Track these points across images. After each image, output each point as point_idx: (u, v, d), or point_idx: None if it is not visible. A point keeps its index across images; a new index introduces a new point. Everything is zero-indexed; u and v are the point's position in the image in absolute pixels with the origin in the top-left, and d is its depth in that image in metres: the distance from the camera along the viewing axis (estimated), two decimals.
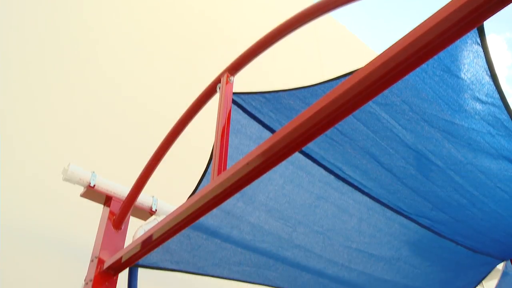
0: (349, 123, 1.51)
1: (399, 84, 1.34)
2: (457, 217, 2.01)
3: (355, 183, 1.77)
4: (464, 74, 1.33)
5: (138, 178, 1.77)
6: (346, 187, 1.77)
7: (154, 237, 1.52)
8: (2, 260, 2.13)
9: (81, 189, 1.91)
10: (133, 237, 1.83)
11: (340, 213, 1.86)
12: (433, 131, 1.54)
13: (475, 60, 1.28)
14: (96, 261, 1.77)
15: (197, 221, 1.41)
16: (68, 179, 1.85)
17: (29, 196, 2.36)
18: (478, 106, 1.45)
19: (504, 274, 2.77)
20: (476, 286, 2.60)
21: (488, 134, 1.55)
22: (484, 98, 1.41)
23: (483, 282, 5.08)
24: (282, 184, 1.71)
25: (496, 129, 1.52)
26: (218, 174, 1.26)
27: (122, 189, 1.97)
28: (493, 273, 2.66)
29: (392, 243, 2.07)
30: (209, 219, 1.73)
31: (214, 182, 1.24)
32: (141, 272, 1.90)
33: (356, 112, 1.12)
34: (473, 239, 2.21)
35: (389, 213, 1.93)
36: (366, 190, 1.81)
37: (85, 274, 1.78)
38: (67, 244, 2.43)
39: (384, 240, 2.04)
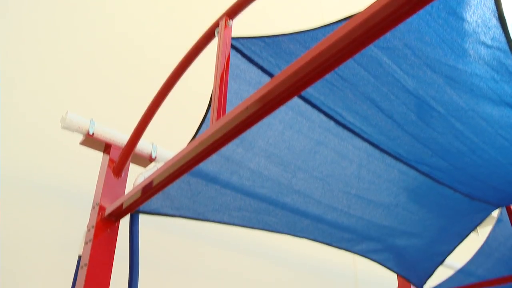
0: (349, 67, 1.48)
1: (402, 27, 1.30)
2: (456, 164, 2.02)
3: (355, 129, 1.76)
4: (470, 16, 1.29)
5: (137, 125, 1.77)
6: (346, 133, 1.76)
7: (155, 183, 1.53)
8: (3, 210, 2.16)
9: (81, 137, 1.91)
10: (134, 184, 1.84)
11: (340, 159, 1.86)
12: (436, 76, 1.51)
13: (482, 1, 1.24)
14: (97, 208, 1.80)
15: (197, 168, 1.42)
16: (66, 127, 1.84)
17: (29, 145, 2.37)
18: (483, 50, 1.42)
19: (499, 221, 2.82)
20: (471, 232, 2.65)
21: (491, 80, 1.52)
22: (490, 42, 1.38)
23: (478, 228, 5.19)
24: (281, 130, 1.70)
25: (500, 75, 1.49)
26: (217, 119, 1.25)
27: (121, 137, 1.96)
28: (488, 220, 2.70)
29: (391, 190, 2.08)
30: (209, 165, 1.74)
31: (213, 127, 1.24)
32: (142, 218, 1.93)
33: (357, 56, 1.09)
34: (471, 186, 2.23)
35: (389, 159, 1.93)
36: (366, 136, 1.81)
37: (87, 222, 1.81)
38: (69, 192, 2.46)
39: (383, 187, 2.05)
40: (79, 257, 1.76)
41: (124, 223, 1.88)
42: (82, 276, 1.67)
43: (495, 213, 2.75)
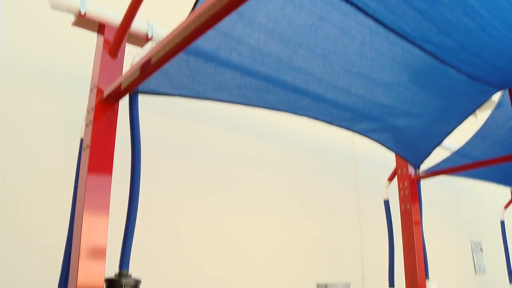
0: None
1: None
2: (463, 42, 1.95)
3: (359, 4, 1.67)
4: None
5: (131, 2, 1.68)
6: (349, 8, 1.68)
7: (153, 61, 1.49)
8: (2, 97, 2.15)
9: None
10: (131, 64, 1.81)
11: (342, 36, 1.80)
12: None
13: None
14: (95, 90, 1.78)
15: (195, 45, 1.37)
16: (55, 7, 1.75)
17: (21, 30, 2.28)
18: None
19: (499, 105, 2.82)
20: (470, 114, 2.65)
21: None
22: None
23: (477, 112, 5.21)
24: (282, 3, 1.61)
25: None
26: None
27: (115, 16, 1.88)
28: (487, 104, 2.69)
29: (393, 68, 2.04)
30: (207, 42, 1.69)
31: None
32: (142, 101, 1.92)
33: None
34: (476, 66, 2.18)
35: (393, 37, 1.86)
36: (370, 12, 1.72)
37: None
38: (67, 76, 2.43)
39: (386, 65, 2.01)
40: (81, 139, 1.79)
41: (125, 106, 1.88)
42: (85, 158, 1.71)
43: (496, 97, 2.74)
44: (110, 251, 1.69)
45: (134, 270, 1.78)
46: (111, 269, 1.72)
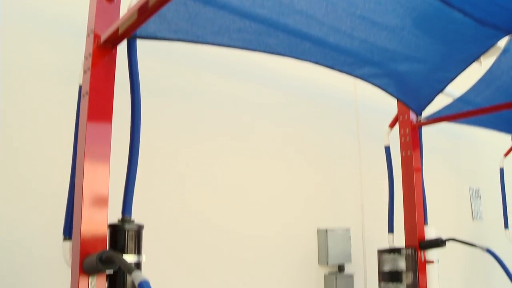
0: None
1: None
2: None
3: None
4: None
5: None
6: None
7: (150, 3, 1.44)
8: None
9: None
10: (128, 7, 1.75)
11: None
12: None
13: None
14: (92, 35, 1.73)
15: None
16: None
17: None
18: None
19: (505, 50, 2.76)
20: (474, 60, 2.60)
21: None
22: None
23: (481, 59, 5.13)
24: None
25: None
26: None
27: None
28: (492, 50, 2.64)
29: (397, 11, 1.98)
30: None
31: None
32: (142, 47, 1.88)
33: None
34: (484, 9, 2.11)
35: None
36: None
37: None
38: (64, 21, 2.37)
39: (389, 8, 1.95)
40: (80, 86, 1.76)
41: (123, 52, 1.84)
42: (84, 105, 1.69)
43: (502, 43, 2.68)
44: (113, 199, 1.71)
45: (136, 217, 1.80)
46: (115, 217, 1.75)
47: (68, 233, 1.73)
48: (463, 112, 3.18)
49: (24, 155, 2.17)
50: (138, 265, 1.71)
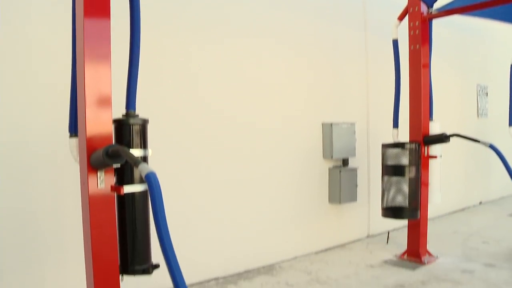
0: None
1: None
2: None
3: None
4: None
5: None
6: None
7: None
8: None
9: None
10: None
11: None
12: None
13: None
14: None
15: None
16: None
17: None
18: None
19: None
20: None
21: None
22: None
23: None
24: None
25: None
26: None
27: None
28: None
29: None
30: None
31: None
32: None
33: None
34: None
35: None
36: None
37: None
38: None
39: None
40: None
41: None
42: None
43: None
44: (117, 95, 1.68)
45: (145, 113, 1.79)
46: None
47: (73, 130, 1.73)
48: (475, 4, 3.03)
49: (24, 46, 2.14)
50: (144, 160, 1.72)
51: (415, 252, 3.22)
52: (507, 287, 2.66)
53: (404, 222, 4.01)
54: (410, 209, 3.03)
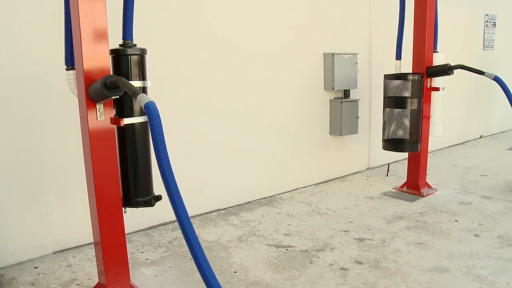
0: None
1: None
2: None
3: None
4: None
5: None
6: None
7: None
8: None
9: None
10: None
11: None
12: None
13: None
14: None
15: None
16: None
17: None
18: None
19: None
20: None
21: None
22: None
23: None
24: None
25: None
26: None
27: None
28: None
29: None
30: None
31: None
32: None
33: None
34: None
35: None
36: None
37: None
38: None
39: None
40: None
41: None
42: None
43: None
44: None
45: (145, 44, 1.74)
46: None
47: (70, 62, 1.69)
48: None
49: None
50: (144, 91, 1.69)
51: (415, 184, 3.26)
52: (501, 217, 2.72)
53: (404, 155, 4.05)
54: (410, 142, 3.03)
